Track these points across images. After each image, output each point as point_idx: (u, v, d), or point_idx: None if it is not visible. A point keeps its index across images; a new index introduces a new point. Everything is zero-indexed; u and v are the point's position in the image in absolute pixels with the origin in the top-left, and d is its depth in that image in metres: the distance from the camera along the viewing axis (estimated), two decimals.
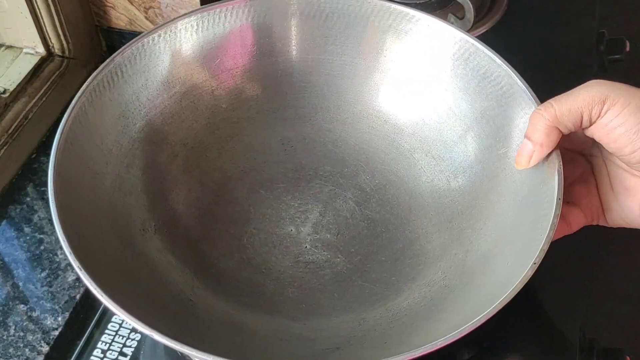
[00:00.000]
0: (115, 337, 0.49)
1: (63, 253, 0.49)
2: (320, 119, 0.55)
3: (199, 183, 0.51)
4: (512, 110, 0.46)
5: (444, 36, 0.49)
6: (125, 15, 0.66)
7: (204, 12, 0.50)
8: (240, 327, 0.43)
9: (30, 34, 0.63)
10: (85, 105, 0.44)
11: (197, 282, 0.45)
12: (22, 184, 0.59)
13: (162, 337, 0.34)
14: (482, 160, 0.48)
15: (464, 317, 0.36)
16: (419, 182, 0.51)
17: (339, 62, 0.54)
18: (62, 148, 0.41)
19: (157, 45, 0.49)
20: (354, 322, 0.44)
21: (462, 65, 0.49)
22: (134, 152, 0.48)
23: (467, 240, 0.45)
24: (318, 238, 0.49)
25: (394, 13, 0.51)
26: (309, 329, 0.44)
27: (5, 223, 0.56)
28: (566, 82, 0.66)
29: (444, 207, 0.49)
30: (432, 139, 0.51)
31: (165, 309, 0.41)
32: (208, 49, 0.51)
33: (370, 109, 0.54)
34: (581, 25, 0.70)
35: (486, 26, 0.68)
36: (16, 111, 0.60)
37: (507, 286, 0.35)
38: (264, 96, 0.54)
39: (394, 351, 0.34)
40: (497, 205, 0.45)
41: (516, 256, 0.39)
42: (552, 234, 0.37)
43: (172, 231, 0.48)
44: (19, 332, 0.49)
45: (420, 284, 0.45)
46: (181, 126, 0.51)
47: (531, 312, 0.49)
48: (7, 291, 0.51)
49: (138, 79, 0.48)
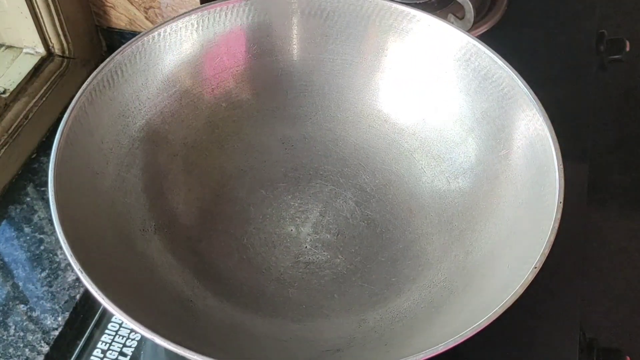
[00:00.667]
0: (115, 337, 0.48)
1: (63, 253, 0.49)
2: (320, 118, 0.55)
3: (199, 183, 0.51)
4: (513, 112, 0.46)
5: (445, 36, 0.49)
6: (125, 15, 0.66)
7: (204, 11, 0.50)
8: (240, 328, 0.43)
9: (30, 34, 0.63)
10: (85, 105, 0.44)
11: (197, 282, 0.45)
12: (22, 184, 0.59)
13: (163, 341, 0.33)
14: (482, 162, 0.48)
15: (464, 319, 0.36)
16: (420, 183, 0.51)
17: (339, 62, 0.54)
18: (62, 148, 0.41)
19: (157, 44, 0.49)
20: (354, 323, 0.44)
21: (463, 66, 0.49)
22: (134, 151, 0.48)
23: (467, 242, 0.45)
24: (318, 238, 0.49)
25: (395, 13, 0.51)
26: (309, 330, 0.44)
27: (5, 223, 0.56)
28: (566, 82, 0.66)
29: (444, 208, 0.49)
30: (432, 140, 0.51)
31: (165, 310, 0.41)
32: (208, 48, 0.51)
33: (371, 108, 0.54)
34: (581, 25, 0.70)
35: (486, 26, 0.68)
36: (16, 111, 0.60)
37: (508, 290, 0.35)
38: (264, 95, 0.54)
39: (394, 354, 0.34)
40: (498, 207, 0.45)
41: (516, 259, 0.39)
42: (552, 237, 0.37)
43: (172, 231, 0.48)
44: (19, 332, 0.49)
45: (421, 285, 0.45)
46: (181, 125, 0.51)
47: (531, 312, 0.49)
48: (7, 291, 0.51)
49: (138, 78, 0.48)
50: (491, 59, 0.47)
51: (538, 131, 0.43)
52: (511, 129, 0.46)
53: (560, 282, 0.50)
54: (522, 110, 0.45)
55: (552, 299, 0.50)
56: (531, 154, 0.44)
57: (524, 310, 0.43)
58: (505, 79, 0.46)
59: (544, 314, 0.49)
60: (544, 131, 0.43)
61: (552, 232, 0.38)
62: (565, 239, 0.43)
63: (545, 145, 0.42)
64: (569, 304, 0.50)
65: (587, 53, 0.68)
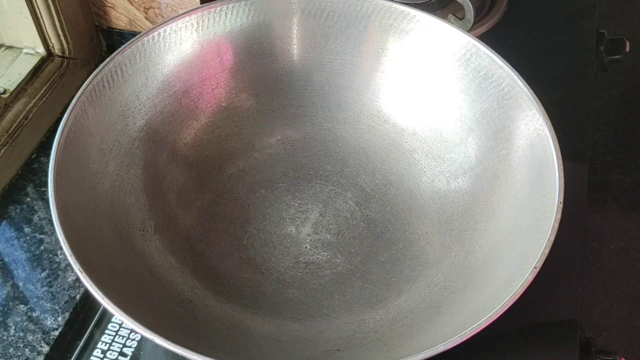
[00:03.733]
0: (115, 337, 0.48)
1: (63, 253, 0.49)
2: (320, 118, 0.55)
3: (199, 182, 0.51)
4: (513, 112, 0.46)
5: (445, 37, 0.49)
6: (125, 15, 0.66)
7: (204, 11, 0.50)
8: (240, 328, 0.43)
9: (30, 34, 0.63)
10: (85, 105, 0.44)
11: (196, 282, 0.45)
12: (22, 184, 0.58)
13: (163, 341, 0.34)
14: (482, 162, 0.48)
15: (464, 319, 0.36)
16: (420, 183, 0.51)
17: (339, 62, 0.54)
18: (62, 148, 0.41)
19: (157, 44, 0.49)
20: (355, 323, 0.44)
21: (463, 66, 0.49)
22: (134, 151, 0.48)
23: (467, 242, 0.45)
24: (318, 238, 0.49)
25: (395, 13, 0.51)
26: (309, 330, 0.44)
27: (5, 223, 0.56)
28: (566, 82, 0.66)
29: (444, 208, 0.49)
30: (432, 140, 0.51)
31: (165, 310, 0.41)
32: (208, 48, 0.51)
33: (371, 108, 0.54)
34: (581, 25, 0.70)
35: (486, 26, 0.68)
36: (16, 111, 0.60)
37: (508, 290, 0.35)
38: (264, 95, 0.54)
39: (394, 354, 0.34)
40: (498, 207, 0.45)
41: (516, 259, 0.39)
42: (552, 237, 0.37)
43: (172, 231, 0.48)
44: (19, 332, 0.49)
45: (421, 285, 0.45)
46: (181, 125, 0.51)
47: (531, 312, 0.49)
48: (7, 291, 0.51)
49: (138, 78, 0.48)
50: (491, 59, 0.47)
51: (538, 131, 0.43)
52: (511, 129, 0.46)
53: (560, 282, 0.50)
54: (522, 110, 0.45)
55: (552, 298, 0.50)
56: (531, 154, 0.44)
57: (524, 310, 0.43)
58: (505, 79, 0.46)
59: (544, 314, 0.49)
60: (544, 131, 0.43)
61: (552, 232, 0.38)
62: (565, 239, 0.43)
63: (545, 145, 0.42)
64: (568, 304, 0.50)
65: (587, 53, 0.68)
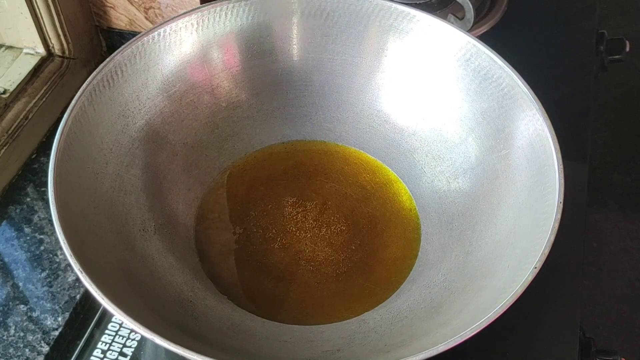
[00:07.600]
0: (116, 337, 0.48)
1: (63, 253, 0.49)
2: (320, 118, 0.55)
3: (199, 183, 0.51)
4: (513, 112, 0.46)
5: (445, 37, 0.49)
6: (125, 15, 0.66)
7: (204, 11, 0.50)
8: (240, 328, 0.43)
9: (30, 34, 0.63)
10: (85, 105, 0.44)
11: (196, 282, 0.45)
12: (22, 184, 0.58)
13: (163, 341, 0.33)
14: (482, 162, 0.48)
15: (464, 319, 0.36)
16: (420, 183, 0.51)
17: (339, 62, 0.54)
18: (62, 148, 0.41)
19: (157, 44, 0.49)
20: (355, 323, 0.44)
21: (463, 66, 0.49)
22: (134, 151, 0.48)
23: (467, 242, 0.45)
24: (318, 236, 0.49)
25: (395, 13, 0.51)
26: (309, 330, 0.44)
27: (5, 223, 0.56)
28: (566, 82, 0.66)
29: (444, 208, 0.49)
30: (432, 140, 0.51)
31: (165, 310, 0.41)
32: (208, 48, 0.51)
33: (371, 108, 0.54)
34: (581, 25, 0.70)
35: (486, 26, 0.68)
36: (16, 111, 0.60)
37: (508, 290, 0.35)
38: (264, 95, 0.54)
39: (394, 354, 0.34)
40: (498, 207, 0.45)
41: (516, 259, 0.39)
42: (552, 237, 0.37)
43: (172, 231, 0.48)
44: (19, 332, 0.49)
45: (421, 285, 0.45)
46: (181, 125, 0.51)
47: (531, 312, 0.49)
48: (7, 291, 0.51)
49: (138, 78, 0.48)
50: (491, 59, 0.47)
51: (538, 131, 0.43)
52: (511, 129, 0.46)
53: (560, 282, 0.50)
54: (522, 110, 0.45)
55: (552, 298, 0.50)
56: (531, 154, 0.44)
57: (524, 310, 0.43)
58: (505, 79, 0.46)
59: (544, 314, 0.49)
60: (544, 131, 0.43)
61: (552, 232, 0.38)
62: (565, 239, 0.43)
63: (545, 145, 0.42)
64: (568, 304, 0.50)
65: (587, 53, 0.68)
